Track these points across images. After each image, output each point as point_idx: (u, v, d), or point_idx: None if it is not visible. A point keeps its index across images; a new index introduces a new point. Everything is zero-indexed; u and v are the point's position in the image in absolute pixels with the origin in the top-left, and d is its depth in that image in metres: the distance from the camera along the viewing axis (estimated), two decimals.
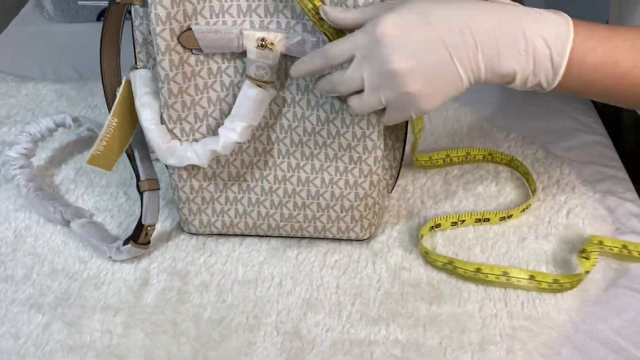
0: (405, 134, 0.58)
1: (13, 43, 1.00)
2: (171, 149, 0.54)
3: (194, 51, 0.51)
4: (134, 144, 0.59)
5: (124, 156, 0.73)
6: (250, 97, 0.51)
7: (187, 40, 0.50)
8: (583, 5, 1.06)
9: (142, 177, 0.59)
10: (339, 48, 0.46)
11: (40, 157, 0.73)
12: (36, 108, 0.82)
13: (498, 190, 0.67)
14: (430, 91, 0.45)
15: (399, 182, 0.66)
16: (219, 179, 0.58)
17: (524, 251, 0.60)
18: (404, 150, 0.59)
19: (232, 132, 0.52)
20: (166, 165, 0.61)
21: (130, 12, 0.52)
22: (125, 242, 0.59)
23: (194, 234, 0.63)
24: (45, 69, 0.91)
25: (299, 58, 0.50)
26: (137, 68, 0.53)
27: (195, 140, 0.55)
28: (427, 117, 0.78)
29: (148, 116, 0.53)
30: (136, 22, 0.52)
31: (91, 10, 1.02)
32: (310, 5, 0.47)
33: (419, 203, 0.66)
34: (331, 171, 0.56)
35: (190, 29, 0.49)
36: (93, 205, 0.67)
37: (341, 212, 0.58)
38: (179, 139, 0.54)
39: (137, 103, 0.53)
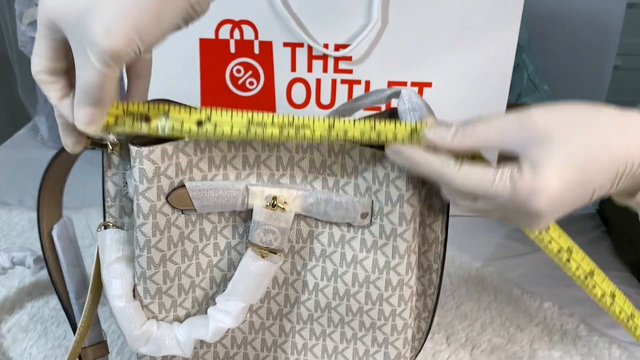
0: (436, 303, 0.47)
1: None
2: (145, 334, 0.41)
3: (184, 211, 0.40)
4: (75, 302, 0.46)
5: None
6: (253, 271, 0.41)
7: (178, 199, 0.39)
8: None
9: (86, 342, 0.46)
10: (471, 188, 0.35)
11: None
12: (3, 237, 0.72)
13: None
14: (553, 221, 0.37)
15: None
16: None
17: None
18: (432, 320, 0.48)
19: (227, 315, 0.41)
20: None
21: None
22: None
23: None
24: (23, 195, 0.83)
25: (316, 219, 0.41)
26: (106, 226, 0.42)
27: (177, 317, 0.43)
28: (447, 275, 0.68)
29: (118, 290, 0.41)
30: (109, 172, 0.41)
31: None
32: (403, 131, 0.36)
33: None
34: (348, 355, 0.45)
35: (184, 186, 0.39)
36: None
37: None
38: (156, 317, 0.42)
39: (105, 272, 0.41)
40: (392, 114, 0.43)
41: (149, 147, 0.37)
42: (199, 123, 0.37)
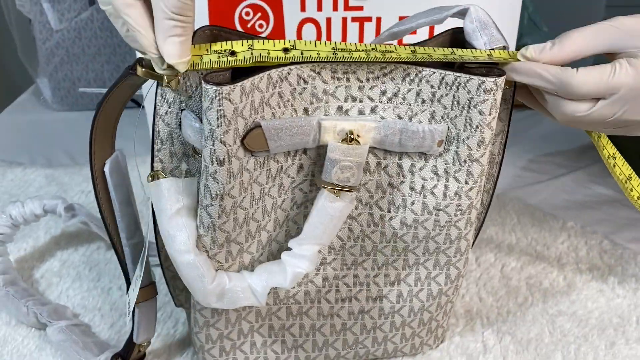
0: (482, 225, 0.46)
1: (3, 129, 0.92)
2: (218, 288, 0.39)
3: (254, 153, 0.37)
4: (126, 243, 0.44)
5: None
6: (331, 213, 0.38)
7: (254, 141, 0.37)
8: None
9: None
10: (592, 85, 0.37)
11: (21, 246, 0.62)
12: (22, 194, 0.72)
13: (567, 285, 0.56)
14: None
15: None
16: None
17: (617, 359, 0.49)
18: (472, 243, 0.46)
19: (302, 259, 0.39)
20: (166, 284, 0.46)
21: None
22: (114, 358, 0.46)
23: None
24: (35, 155, 0.83)
25: (385, 150, 0.40)
26: (158, 176, 0.39)
27: (242, 263, 0.40)
28: None
29: (184, 244, 0.37)
30: (161, 110, 0.38)
31: (92, 97, 0.96)
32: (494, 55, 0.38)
33: (477, 300, 0.55)
34: (410, 281, 0.44)
35: (260, 126, 0.36)
36: (79, 303, 0.55)
37: (418, 326, 0.46)
38: (222, 266, 0.40)
39: (166, 226, 0.38)
40: (456, 33, 0.42)
41: (229, 86, 0.34)
42: (285, 50, 0.36)
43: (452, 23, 0.43)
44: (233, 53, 0.36)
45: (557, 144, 0.82)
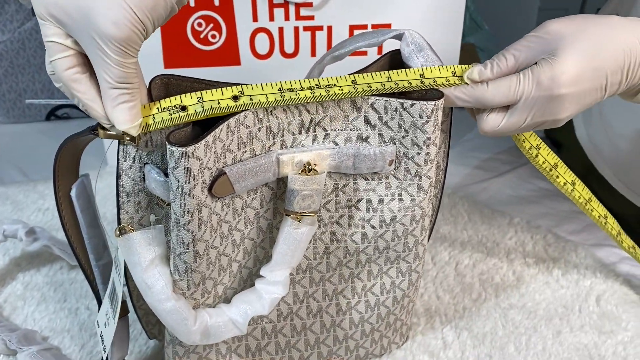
0: (433, 225, 0.49)
1: None
2: (201, 326, 0.40)
3: (220, 197, 0.39)
4: (95, 265, 0.45)
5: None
6: (298, 239, 0.40)
7: (221, 189, 0.38)
8: None
9: None
10: (502, 97, 0.41)
11: None
12: None
13: (517, 279, 0.61)
14: (576, 112, 0.42)
15: None
16: None
17: (563, 346, 0.53)
18: (430, 235, 0.50)
19: (277, 285, 0.41)
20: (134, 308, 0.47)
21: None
22: None
23: None
24: None
25: (341, 173, 0.42)
26: (126, 230, 0.38)
27: (217, 294, 0.42)
28: None
29: (163, 293, 0.38)
30: (124, 165, 0.38)
31: (39, 109, 0.94)
32: (443, 75, 0.40)
33: (435, 298, 0.58)
34: (376, 291, 0.47)
35: (225, 173, 0.38)
36: (47, 325, 0.55)
37: (385, 328, 0.49)
38: (198, 302, 0.41)
39: (143, 278, 0.38)
40: (395, 54, 0.44)
41: (193, 145, 0.35)
42: (235, 98, 0.37)
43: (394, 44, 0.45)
44: (184, 108, 0.36)
45: (500, 142, 0.86)
